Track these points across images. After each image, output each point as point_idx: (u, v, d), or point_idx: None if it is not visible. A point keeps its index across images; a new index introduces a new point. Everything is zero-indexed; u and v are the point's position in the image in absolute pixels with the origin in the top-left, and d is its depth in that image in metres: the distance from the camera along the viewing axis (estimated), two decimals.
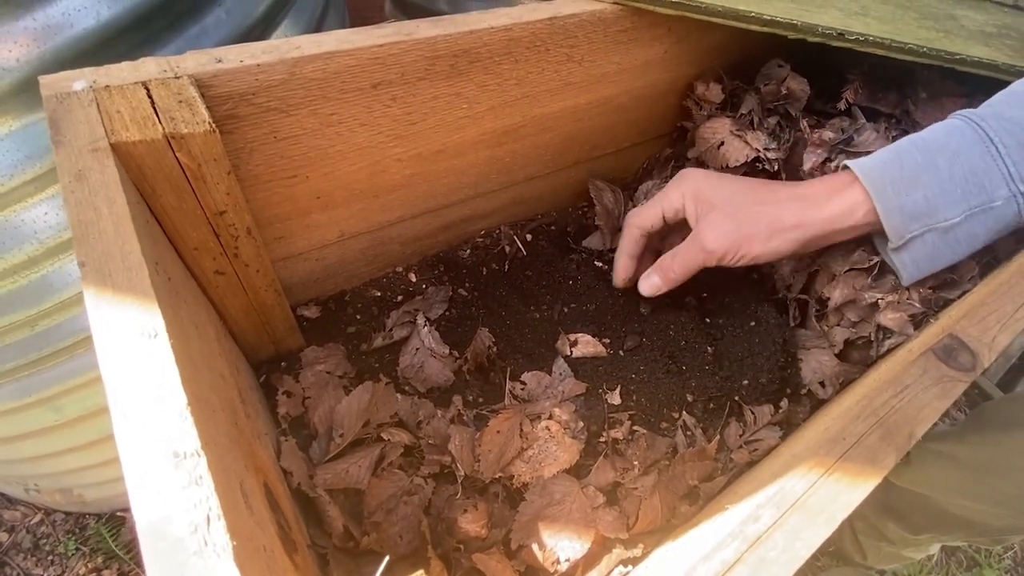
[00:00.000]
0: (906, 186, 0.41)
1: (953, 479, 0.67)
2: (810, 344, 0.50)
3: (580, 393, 0.46)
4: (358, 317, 0.51)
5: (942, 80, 0.60)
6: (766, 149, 0.55)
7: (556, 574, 0.37)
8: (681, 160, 0.62)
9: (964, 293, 0.45)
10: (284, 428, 0.42)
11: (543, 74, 0.48)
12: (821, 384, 0.48)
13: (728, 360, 0.49)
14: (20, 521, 0.94)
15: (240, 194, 0.35)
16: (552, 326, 0.52)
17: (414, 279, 0.54)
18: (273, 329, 0.45)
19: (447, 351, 0.48)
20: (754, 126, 0.57)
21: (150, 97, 0.32)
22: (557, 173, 0.60)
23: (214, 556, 0.18)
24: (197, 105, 0.32)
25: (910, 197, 0.41)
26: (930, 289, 0.46)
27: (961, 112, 0.44)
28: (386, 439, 0.41)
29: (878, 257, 0.47)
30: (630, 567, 0.38)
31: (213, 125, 0.31)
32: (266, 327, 0.44)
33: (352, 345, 0.49)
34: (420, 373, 0.47)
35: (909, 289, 0.46)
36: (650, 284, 0.49)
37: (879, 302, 0.47)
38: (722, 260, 0.45)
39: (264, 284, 0.41)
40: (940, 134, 0.43)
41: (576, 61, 0.49)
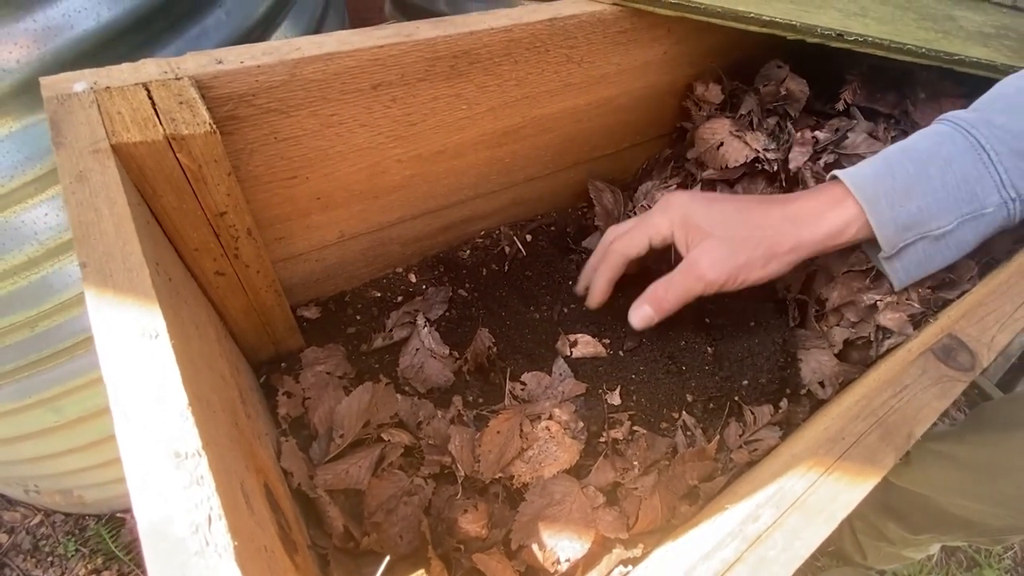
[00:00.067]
0: (899, 197, 0.41)
1: (953, 479, 0.68)
2: (809, 344, 0.50)
3: (580, 393, 0.46)
4: (358, 318, 0.51)
5: (941, 80, 0.60)
6: (765, 149, 0.55)
7: (556, 574, 0.37)
8: (681, 160, 0.62)
9: (963, 293, 0.46)
10: (284, 428, 0.42)
11: (543, 75, 0.48)
12: (821, 384, 0.48)
13: (728, 360, 0.49)
14: (20, 522, 0.94)
15: (240, 195, 0.35)
16: (552, 326, 0.52)
17: (414, 280, 0.54)
18: (273, 330, 0.45)
19: (447, 352, 0.49)
20: (753, 127, 0.57)
21: (151, 98, 0.32)
22: (557, 174, 0.60)
23: (215, 556, 0.18)
24: (198, 106, 0.32)
25: (904, 208, 0.41)
26: (929, 289, 0.46)
27: (948, 117, 0.44)
28: (386, 439, 0.41)
29: None
30: (630, 567, 0.38)
31: (214, 126, 0.32)
32: (266, 328, 0.45)
33: (352, 346, 0.49)
34: (420, 374, 0.47)
35: (908, 289, 0.46)
36: (642, 316, 0.47)
37: (878, 304, 0.47)
38: (720, 288, 0.44)
39: (264, 285, 0.41)
40: (930, 142, 0.43)
41: (576, 62, 0.49)
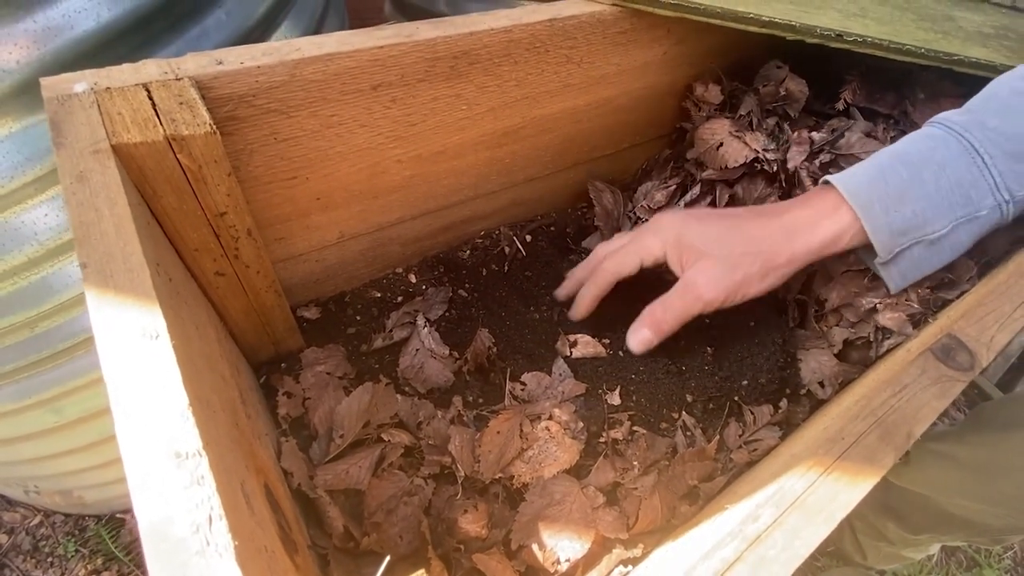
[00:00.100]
0: (893, 203, 0.41)
1: (953, 479, 0.68)
2: (809, 344, 0.50)
3: (580, 393, 0.46)
4: (358, 318, 0.51)
5: (940, 81, 0.60)
6: (765, 150, 0.55)
7: (556, 574, 0.37)
8: (680, 161, 0.62)
9: (962, 293, 0.46)
10: (284, 429, 0.42)
11: (542, 75, 0.48)
12: (820, 384, 0.48)
13: (727, 360, 0.49)
14: (20, 523, 0.94)
15: (240, 195, 0.35)
16: (552, 327, 0.52)
17: (414, 280, 0.54)
18: (273, 330, 0.45)
19: (447, 352, 0.49)
20: (753, 127, 0.58)
21: (151, 99, 0.32)
22: (556, 174, 0.60)
23: (216, 556, 0.18)
24: (198, 107, 0.32)
25: (898, 213, 0.41)
26: (928, 289, 0.46)
27: (940, 120, 0.43)
28: (386, 440, 0.41)
29: None
30: (630, 567, 0.38)
31: (214, 127, 0.32)
32: (266, 328, 0.45)
33: (352, 346, 0.49)
34: (420, 374, 0.47)
35: (907, 290, 0.46)
36: (641, 339, 0.46)
37: (877, 306, 0.47)
38: (720, 306, 0.44)
39: (264, 285, 0.41)
40: (923, 146, 0.43)
41: (575, 63, 0.49)
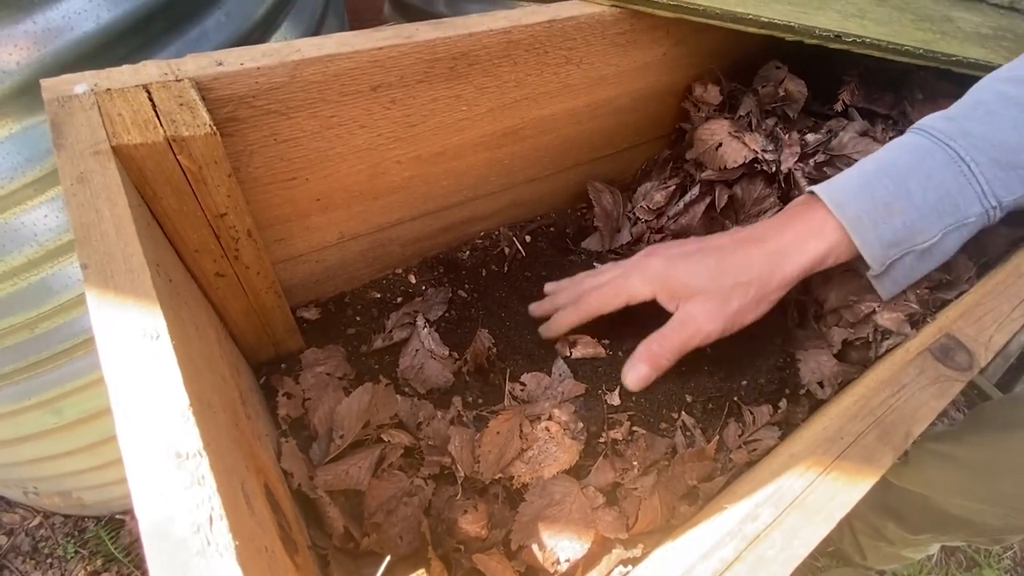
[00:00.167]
0: (882, 216, 0.41)
1: (952, 479, 0.68)
2: (808, 345, 0.50)
3: (579, 394, 0.46)
4: (358, 319, 0.51)
5: (938, 81, 0.60)
6: (764, 150, 0.55)
7: (556, 574, 0.37)
8: (680, 161, 0.62)
9: (961, 294, 0.46)
10: (284, 429, 0.42)
11: (542, 76, 0.48)
12: (820, 384, 0.48)
13: (727, 361, 0.49)
14: (19, 524, 0.94)
15: (241, 196, 0.36)
16: None
17: (414, 281, 0.54)
18: (273, 331, 0.45)
19: (447, 352, 0.49)
20: (752, 127, 0.58)
21: (151, 100, 0.32)
22: (556, 175, 0.60)
23: (217, 556, 0.18)
24: (198, 108, 0.32)
25: (888, 226, 0.41)
26: (927, 290, 0.46)
27: (924, 128, 0.43)
28: (386, 440, 0.41)
29: None
30: (630, 567, 0.38)
31: (214, 127, 0.32)
32: (266, 329, 0.45)
33: (352, 347, 0.49)
34: (420, 374, 0.47)
35: (906, 290, 0.46)
36: (638, 376, 0.45)
37: (875, 307, 0.47)
38: (717, 338, 0.44)
39: (264, 286, 0.41)
40: (908, 157, 0.42)
41: (575, 63, 0.49)
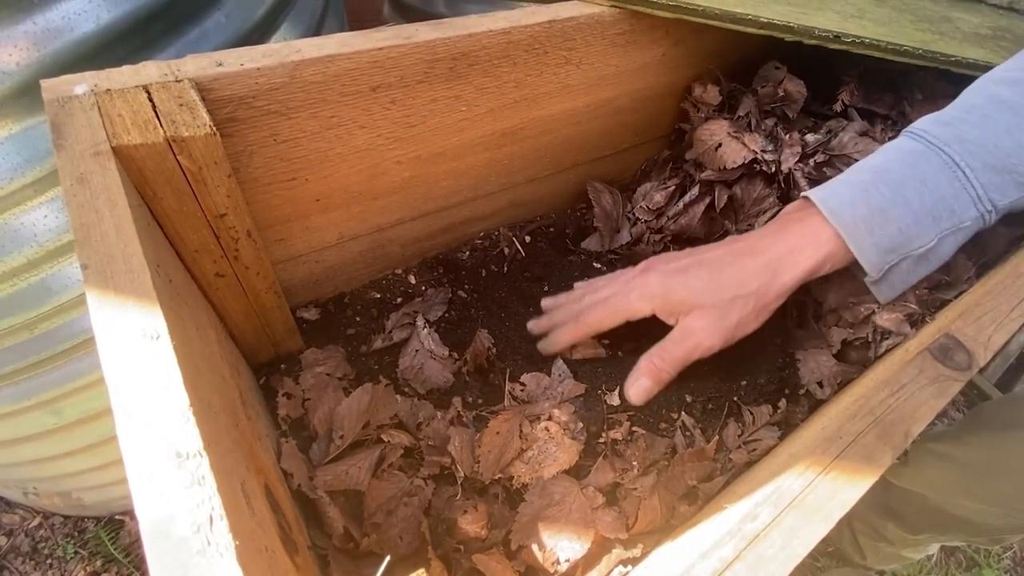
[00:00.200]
0: (878, 222, 0.41)
1: (951, 479, 0.68)
2: (808, 345, 0.50)
3: (579, 394, 0.46)
4: (358, 319, 0.51)
5: (937, 81, 0.60)
6: (763, 151, 0.55)
7: (556, 574, 0.37)
8: (679, 161, 0.62)
9: (960, 294, 0.46)
10: (284, 430, 0.42)
11: (541, 77, 0.48)
12: (819, 384, 0.48)
13: (726, 361, 0.49)
14: (19, 525, 0.94)
15: (240, 197, 0.36)
16: None
17: (413, 281, 0.54)
18: (273, 331, 0.45)
19: (446, 353, 0.49)
20: (751, 128, 0.58)
21: (151, 101, 0.32)
22: (556, 175, 0.60)
23: (217, 556, 0.18)
24: (198, 108, 0.32)
25: (884, 233, 0.41)
26: (926, 290, 0.46)
27: (917, 132, 0.43)
28: (386, 440, 0.41)
29: None
30: (629, 567, 0.38)
31: (214, 128, 0.32)
32: (266, 329, 0.45)
33: (352, 347, 0.49)
34: (420, 374, 0.47)
35: (905, 291, 0.46)
36: (641, 389, 0.45)
37: (875, 308, 0.47)
38: (719, 349, 0.44)
39: (264, 286, 0.41)
40: (903, 162, 0.42)
41: (574, 64, 0.49)
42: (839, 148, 0.54)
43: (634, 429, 0.45)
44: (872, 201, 0.41)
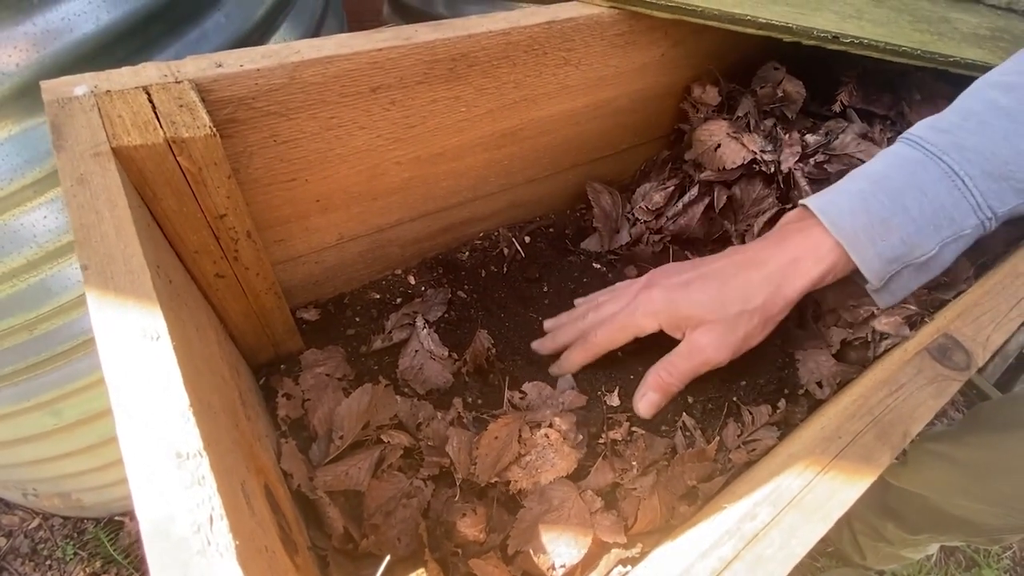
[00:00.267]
0: (879, 232, 0.41)
1: (951, 479, 0.68)
2: (807, 345, 0.50)
3: (581, 406, 0.46)
4: (357, 319, 0.51)
5: (936, 82, 0.60)
6: (762, 151, 0.55)
7: None
8: (678, 162, 0.62)
9: (959, 294, 0.46)
10: (284, 430, 0.42)
11: (541, 77, 0.48)
12: (818, 384, 0.48)
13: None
14: (18, 526, 0.94)
15: (240, 197, 0.36)
16: None
17: (413, 281, 0.54)
18: (273, 332, 0.45)
19: (446, 353, 0.49)
20: (751, 128, 0.58)
21: (151, 101, 0.32)
22: (555, 176, 0.60)
23: (217, 556, 0.18)
24: (198, 109, 0.32)
25: (886, 243, 0.41)
26: (925, 290, 0.46)
27: (915, 139, 0.43)
28: (386, 441, 0.41)
29: None
30: (629, 567, 0.38)
31: (214, 129, 0.32)
32: (266, 330, 0.45)
33: (351, 347, 0.49)
34: (419, 375, 0.47)
35: None
36: (649, 403, 0.46)
37: (873, 310, 0.47)
38: (729, 361, 0.45)
39: (264, 287, 0.41)
40: (902, 170, 0.42)
41: (574, 65, 0.49)
42: (841, 148, 0.54)
43: (634, 429, 0.45)
44: (872, 210, 0.41)
